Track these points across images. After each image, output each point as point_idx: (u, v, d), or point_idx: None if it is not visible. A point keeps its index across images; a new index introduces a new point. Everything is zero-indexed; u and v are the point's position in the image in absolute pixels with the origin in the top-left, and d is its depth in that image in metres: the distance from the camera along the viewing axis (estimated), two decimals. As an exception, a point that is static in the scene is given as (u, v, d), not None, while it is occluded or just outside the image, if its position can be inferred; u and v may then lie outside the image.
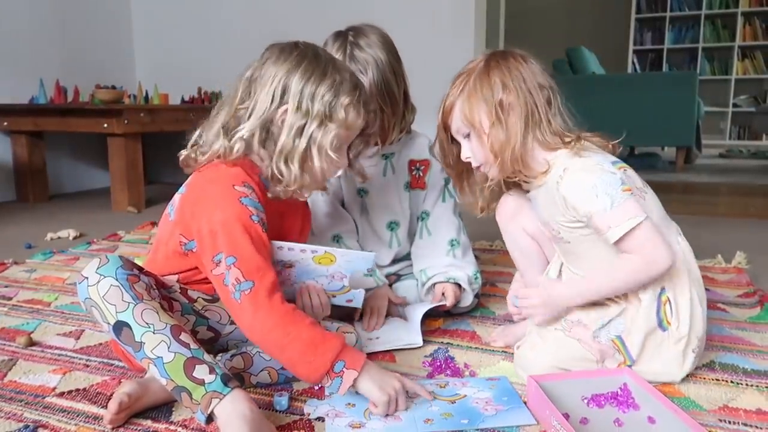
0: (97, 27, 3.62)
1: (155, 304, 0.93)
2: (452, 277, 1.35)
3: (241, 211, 0.98)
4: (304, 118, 1.01)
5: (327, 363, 0.91)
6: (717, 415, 0.95)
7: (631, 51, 6.84)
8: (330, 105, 1.01)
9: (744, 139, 6.77)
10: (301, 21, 3.39)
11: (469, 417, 0.94)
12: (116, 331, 0.91)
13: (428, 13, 3.09)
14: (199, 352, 0.91)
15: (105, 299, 0.91)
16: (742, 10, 6.43)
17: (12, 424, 0.94)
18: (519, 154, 1.02)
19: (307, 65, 1.02)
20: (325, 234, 1.41)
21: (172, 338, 0.90)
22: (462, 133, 1.08)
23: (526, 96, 1.02)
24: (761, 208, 2.84)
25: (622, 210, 0.96)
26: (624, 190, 0.97)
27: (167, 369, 0.88)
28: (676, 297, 1.02)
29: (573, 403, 0.95)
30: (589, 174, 0.99)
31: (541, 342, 1.06)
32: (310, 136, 1.01)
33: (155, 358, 0.89)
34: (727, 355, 1.17)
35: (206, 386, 0.87)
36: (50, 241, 2.26)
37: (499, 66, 1.04)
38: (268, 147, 1.04)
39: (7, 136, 3.10)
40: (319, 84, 1.01)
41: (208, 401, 0.86)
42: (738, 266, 1.82)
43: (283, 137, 1.01)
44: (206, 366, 0.89)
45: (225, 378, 0.89)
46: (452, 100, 1.07)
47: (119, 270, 0.94)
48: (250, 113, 1.03)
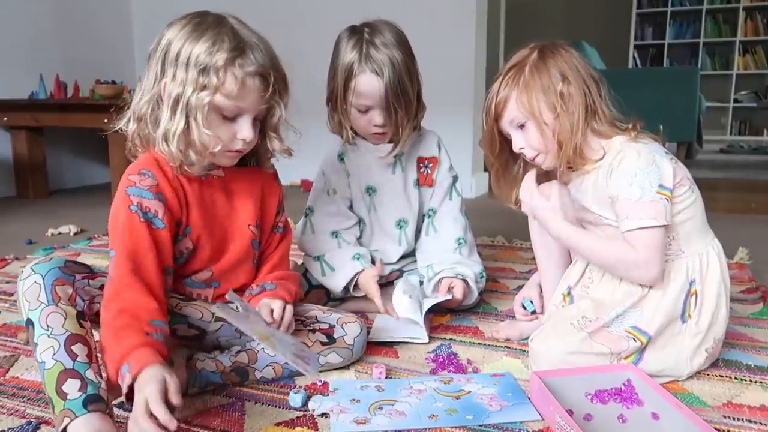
0: (97, 22, 3.61)
1: (69, 310, 0.89)
2: (460, 273, 1.35)
3: (122, 201, 0.96)
4: (180, 86, 0.93)
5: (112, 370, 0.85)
6: (721, 411, 0.95)
7: (632, 46, 6.83)
8: (203, 69, 0.93)
9: (745, 134, 6.76)
10: (302, 18, 3.38)
11: (473, 413, 0.94)
12: (27, 327, 0.90)
13: (429, 8, 3.07)
14: (82, 367, 0.84)
15: (24, 295, 0.90)
16: (744, 5, 6.42)
17: (14, 420, 0.93)
18: (580, 143, 1.04)
19: (189, 28, 0.95)
20: (324, 231, 1.41)
21: (63, 346, 0.85)
22: (517, 123, 1.08)
23: (582, 86, 1.04)
24: (763, 204, 2.84)
25: (646, 207, 0.98)
26: (658, 192, 0.98)
27: (45, 375, 0.84)
28: (704, 292, 1.03)
29: (577, 399, 0.95)
30: (638, 160, 1.00)
31: (554, 335, 1.06)
32: (186, 106, 0.94)
33: (40, 362, 0.85)
34: (731, 351, 1.17)
35: (66, 402, 0.81)
36: (51, 237, 2.25)
37: (554, 56, 1.05)
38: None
39: (7, 132, 3.09)
40: (194, 46, 0.93)
41: (62, 418, 0.80)
42: (740, 262, 1.81)
43: (164, 114, 0.95)
44: (79, 382, 0.82)
45: (90, 399, 0.81)
46: (506, 93, 1.07)
47: (52, 270, 0.92)
48: (141, 93, 0.98)
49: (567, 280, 1.17)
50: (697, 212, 1.05)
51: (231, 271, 1.11)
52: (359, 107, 1.29)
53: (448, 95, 3.01)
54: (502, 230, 2.18)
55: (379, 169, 1.41)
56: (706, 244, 1.06)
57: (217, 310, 0.97)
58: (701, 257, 1.04)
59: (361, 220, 1.46)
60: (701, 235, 1.06)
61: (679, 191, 1.02)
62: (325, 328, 1.11)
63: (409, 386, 1.02)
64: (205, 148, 0.97)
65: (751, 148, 5.57)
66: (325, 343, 1.09)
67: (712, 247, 1.06)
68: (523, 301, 1.27)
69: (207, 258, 1.08)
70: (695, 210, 1.05)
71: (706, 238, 1.07)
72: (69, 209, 2.83)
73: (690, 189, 1.04)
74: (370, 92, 1.26)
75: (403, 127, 1.32)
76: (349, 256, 1.36)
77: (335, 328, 1.11)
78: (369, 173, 1.42)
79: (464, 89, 3.09)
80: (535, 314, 1.26)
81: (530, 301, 1.27)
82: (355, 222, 1.44)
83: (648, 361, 1.02)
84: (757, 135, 6.70)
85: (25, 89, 3.03)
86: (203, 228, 1.05)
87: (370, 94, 1.26)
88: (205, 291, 1.10)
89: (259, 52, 0.97)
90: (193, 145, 0.97)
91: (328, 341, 1.09)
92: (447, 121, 2.90)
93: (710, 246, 1.06)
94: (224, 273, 1.10)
